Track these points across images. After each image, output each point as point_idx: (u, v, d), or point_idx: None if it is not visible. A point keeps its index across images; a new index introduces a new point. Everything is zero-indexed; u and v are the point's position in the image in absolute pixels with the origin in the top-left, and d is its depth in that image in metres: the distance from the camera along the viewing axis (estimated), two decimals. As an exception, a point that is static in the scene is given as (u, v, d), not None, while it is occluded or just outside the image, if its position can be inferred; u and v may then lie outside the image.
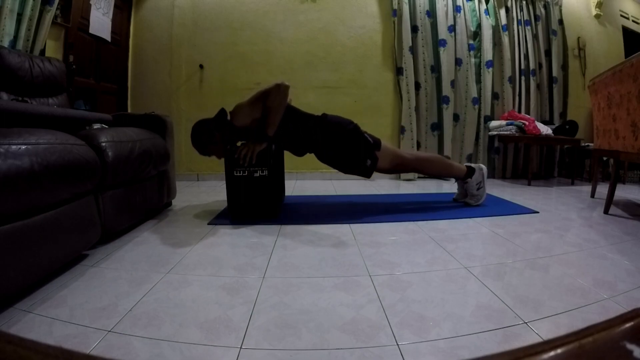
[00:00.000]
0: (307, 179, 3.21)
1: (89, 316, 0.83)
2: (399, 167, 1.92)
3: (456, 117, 3.28)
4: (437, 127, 3.24)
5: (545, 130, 3.00)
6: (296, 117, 1.79)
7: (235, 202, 1.71)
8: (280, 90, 1.64)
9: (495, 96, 3.33)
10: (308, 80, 3.16)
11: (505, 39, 3.25)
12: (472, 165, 2.00)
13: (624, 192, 2.55)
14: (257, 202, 1.70)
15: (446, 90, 3.17)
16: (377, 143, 1.82)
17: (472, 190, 1.98)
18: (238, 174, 1.67)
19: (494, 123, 3.19)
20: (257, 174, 1.67)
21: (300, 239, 1.44)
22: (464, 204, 2.02)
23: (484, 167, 2.00)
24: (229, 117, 1.74)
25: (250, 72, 3.12)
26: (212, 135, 1.70)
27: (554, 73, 3.38)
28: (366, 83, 3.23)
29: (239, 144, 1.75)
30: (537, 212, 1.88)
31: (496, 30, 3.27)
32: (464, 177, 1.98)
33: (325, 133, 1.78)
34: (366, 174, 1.84)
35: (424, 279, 1.05)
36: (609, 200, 1.87)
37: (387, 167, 1.87)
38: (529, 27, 3.33)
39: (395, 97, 3.22)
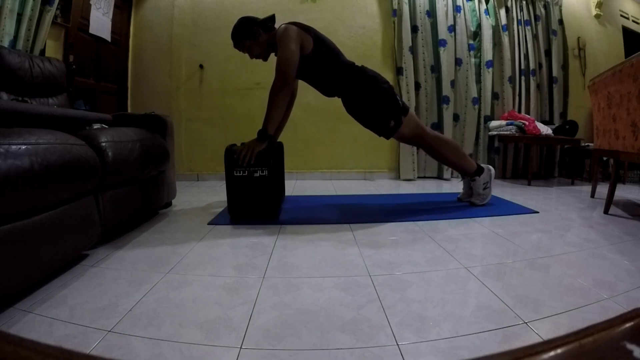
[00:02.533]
0: (307, 179, 3.21)
1: (89, 316, 0.83)
2: (417, 139, 1.91)
3: (456, 117, 3.28)
4: (437, 127, 3.23)
5: (545, 130, 3.00)
6: (334, 66, 1.80)
7: (235, 202, 1.71)
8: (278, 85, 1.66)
9: (495, 96, 3.33)
10: (308, 80, 3.16)
11: (505, 39, 3.25)
12: (482, 165, 2.01)
13: (624, 192, 2.55)
14: (257, 202, 1.70)
15: (446, 90, 3.17)
16: (405, 108, 1.84)
17: (479, 190, 1.98)
18: (238, 174, 1.67)
19: (494, 123, 3.19)
20: (257, 174, 1.67)
21: (300, 239, 1.44)
22: (469, 204, 2.02)
23: (492, 168, 2.02)
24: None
25: (250, 72, 3.11)
26: (252, 31, 1.79)
27: (554, 73, 3.38)
28: (366, 83, 3.22)
29: (239, 144, 1.75)
30: (537, 212, 1.88)
31: (496, 30, 3.27)
32: (472, 174, 1.98)
33: (358, 83, 1.79)
34: (386, 134, 1.84)
35: (424, 279, 1.05)
36: (609, 200, 1.87)
37: (407, 135, 1.87)
38: (529, 27, 3.33)
39: (395, 97, 3.22)
